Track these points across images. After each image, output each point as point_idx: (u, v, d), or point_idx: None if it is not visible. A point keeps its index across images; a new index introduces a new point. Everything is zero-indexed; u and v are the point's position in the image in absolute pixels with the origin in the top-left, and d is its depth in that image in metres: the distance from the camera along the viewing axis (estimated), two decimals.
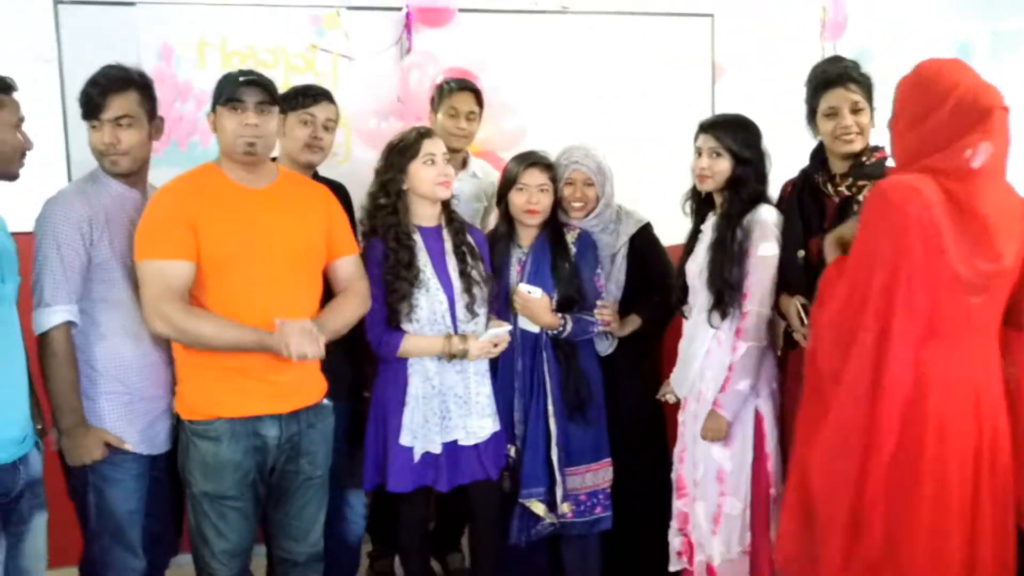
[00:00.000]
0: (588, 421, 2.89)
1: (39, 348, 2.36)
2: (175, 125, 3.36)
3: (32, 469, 2.20)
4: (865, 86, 2.63)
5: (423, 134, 2.76)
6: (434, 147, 2.73)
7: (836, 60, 2.81)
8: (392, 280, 2.69)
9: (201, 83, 3.44)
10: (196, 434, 2.37)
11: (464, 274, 2.75)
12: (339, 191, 2.98)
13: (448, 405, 2.74)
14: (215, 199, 2.35)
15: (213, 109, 2.38)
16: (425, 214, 2.78)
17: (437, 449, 2.72)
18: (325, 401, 2.55)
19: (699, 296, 2.76)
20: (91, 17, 3.34)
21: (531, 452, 2.86)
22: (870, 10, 4.20)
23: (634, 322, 2.99)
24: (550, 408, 2.86)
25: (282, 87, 3.46)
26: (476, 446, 2.77)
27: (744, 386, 2.66)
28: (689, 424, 2.82)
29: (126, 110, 2.40)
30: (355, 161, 3.56)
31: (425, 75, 3.57)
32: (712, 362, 2.72)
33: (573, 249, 2.92)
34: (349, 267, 2.58)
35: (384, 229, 2.72)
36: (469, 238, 2.83)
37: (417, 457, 2.71)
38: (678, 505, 2.87)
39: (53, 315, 2.33)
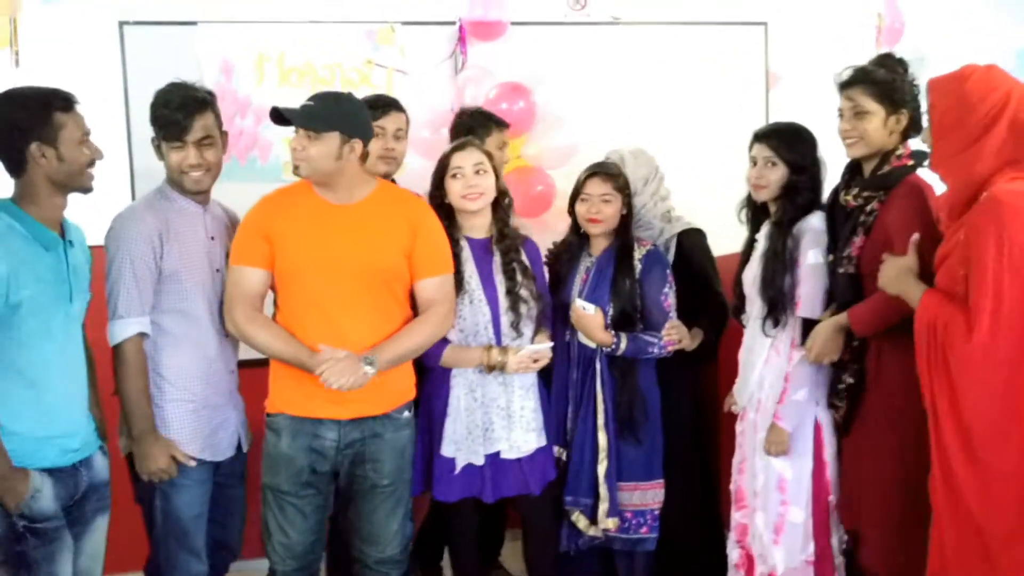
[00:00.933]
0: (640, 439, 2.87)
1: (113, 358, 2.47)
2: (235, 140, 3.44)
3: (96, 473, 2.30)
4: (884, 88, 2.48)
5: (455, 147, 2.79)
6: (463, 160, 2.72)
7: (879, 61, 2.60)
8: None
9: (260, 98, 3.53)
10: (267, 426, 2.53)
11: (511, 292, 2.73)
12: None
13: (491, 417, 2.73)
14: (293, 213, 2.47)
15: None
16: (472, 225, 2.78)
17: (480, 461, 2.72)
18: (406, 414, 2.60)
19: (755, 305, 2.75)
20: (154, 36, 3.47)
21: (576, 462, 2.87)
22: (927, 16, 4.15)
23: (698, 336, 2.96)
24: (600, 421, 2.85)
25: None
26: (519, 460, 2.76)
27: (802, 395, 2.64)
28: (748, 434, 2.80)
29: (208, 130, 2.51)
30: (409, 172, 3.61)
31: (480, 89, 3.64)
32: (770, 371, 2.71)
33: (639, 266, 2.88)
34: (430, 289, 2.56)
35: None
36: (522, 255, 2.79)
37: (459, 468, 2.72)
38: (736, 517, 2.86)
39: (127, 327, 2.44)
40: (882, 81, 2.48)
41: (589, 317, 2.82)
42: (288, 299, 2.48)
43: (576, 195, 2.93)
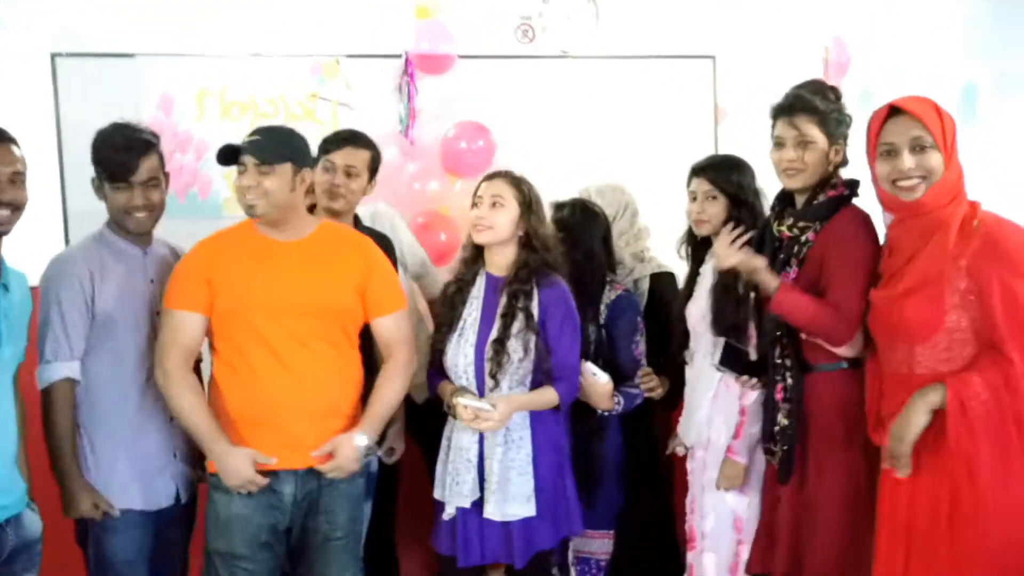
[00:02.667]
0: (590, 490, 2.79)
1: (42, 402, 2.42)
2: (174, 176, 3.35)
3: (26, 531, 2.21)
4: (826, 117, 2.44)
5: (486, 176, 2.70)
6: (485, 189, 2.63)
7: (803, 87, 2.54)
8: (437, 316, 2.76)
9: (200, 133, 3.50)
10: (214, 487, 2.41)
11: (497, 340, 2.56)
12: (385, 244, 2.96)
13: (458, 467, 2.59)
14: (237, 253, 2.42)
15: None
16: (492, 262, 2.67)
17: (451, 512, 2.61)
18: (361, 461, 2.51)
19: (701, 341, 2.74)
20: (89, 69, 3.42)
21: None
22: (873, 51, 4.26)
23: (665, 383, 2.92)
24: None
25: None
26: (507, 525, 2.58)
27: (757, 429, 2.63)
28: (698, 473, 2.79)
29: (154, 172, 2.48)
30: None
31: (437, 125, 3.68)
32: (721, 407, 2.69)
33: (604, 312, 2.81)
34: (387, 327, 2.52)
35: (456, 268, 2.76)
36: (533, 301, 2.58)
37: (447, 514, 2.63)
38: (689, 557, 2.84)
39: (54, 371, 2.40)
40: (824, 111, 2.45)
41: (600, 386, 2.70)
42: (232, 344, 2.39)
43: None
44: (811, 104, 2.45)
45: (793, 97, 2.49)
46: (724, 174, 2.73)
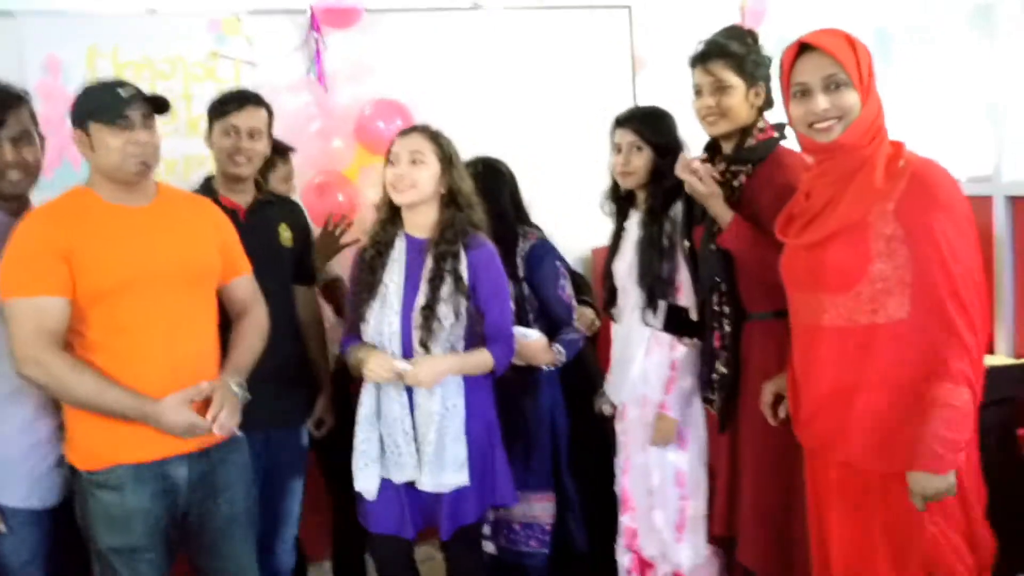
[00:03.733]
0: (526, 452, 2.82)
1: None
2: (68, 143, 3.23)
3: None
4: (742, 61, 2.45)
5: (401, 132, 2.59)
6: (400, 146, 2.51)
7: (719, 33, 2.55)
8: (356, 282, 2.58)
9: None
10: (96, 485, 2.21)
11: (427, 305, 2.46)
12: (297, 209, 2.96)
13: (396, 439, 2.49)
14: (90, 225, 2.20)
15: (82, 125, 2.23)
16: (413, 223, 2.56)
17: (371, 488, 2.51)
18: (239, 434, 2.36)
19: (630, 296, 2.74)
20: None
21: None
22: None
23: (593, 313, 2.92)
24: None
25: (181, 98, 3.44)
26: (440, 496, 2.51)
27: (689, 383, 2.65)
28: (633, 432, 2.78)
29: (25, 126, 2.31)
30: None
31: (347, 88, 3.60)
32: (653, 363, 2.70)
33: (521, 264, 2.81)
34: (247, 287, 2.47)
35: (372, 233, 2.60)
36: (461, 263, 2.50)
37: (365, 493, 2.53)
38: (624, 520, 2.84)
39: None
40: (740, 54, 2.45)
41: (533, 345, 2.72)
42: (105, 325, 2.18)
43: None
44: (726, 49, 2.46)
45: (707, 44, 2.50)
46: (649, 125, 2.72)
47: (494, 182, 2.88)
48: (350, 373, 2.93)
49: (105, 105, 2.21)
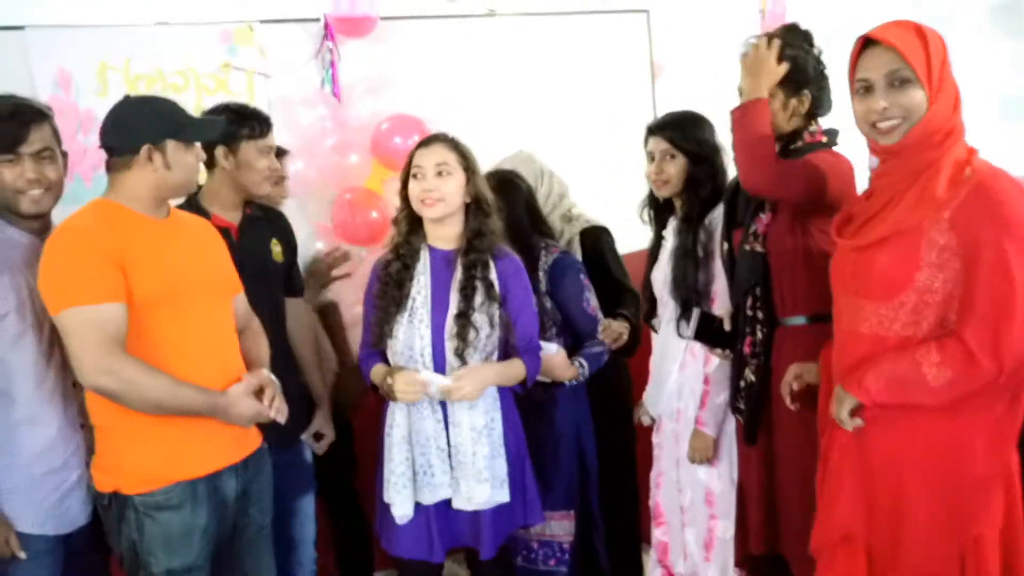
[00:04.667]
0: (545, 470, 2.76)
1: None
2: (79, 158, 3.25)
3: None
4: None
5: (420, 143, 2.55)
6: (424, 158, 2.47)
7: (782, 35, 2.46)
8: (380, 296, 2.51)
9: (105, 111, 3.34)
10: (153, 507, 2.18)
11: (461, 315, 2.43)
12: (285, 221, 2.93)
13: (429, 459, 2.44)
14: (136, 234, 2.20)
15: (157, 141, 2.20)
16: (437, 235, 2.53)
17: (407, 511, 2.45)
18: (263, 444, 2.43)
19: (667, 307, 2.71)
20: None
21: None
22: (811, 1, 4.28)
23: (625, 328, 2.86)
24: None
25: (195, 110, 3.43)
26: (476, 513, 2.47)
27: (724, 398, 2.59)
28: (667, 446, 2.75)
29: (48, 143, 2.28)
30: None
31: (364, 93, 3.60)
32: (689, 376, 2.66)
33: (544, 279, 2.77)
34: (245, 303, 2.48)
35: (394, 244, 2.56)
36: (491, 272, 2.48)
37: (398, 520, 2.47)
38: (657, 534, 2.80)
39: None
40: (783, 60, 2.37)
41: (553, 359, 2.67)
42: (152, 334, 2.17)
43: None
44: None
45: (752, 48, 2.42)
46: (681, 131, 2.69)
47: (508, 193, 2.83)
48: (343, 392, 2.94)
49: (188, 126, 2.27)
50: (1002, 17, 4.35)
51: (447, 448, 2.45)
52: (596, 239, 3.03)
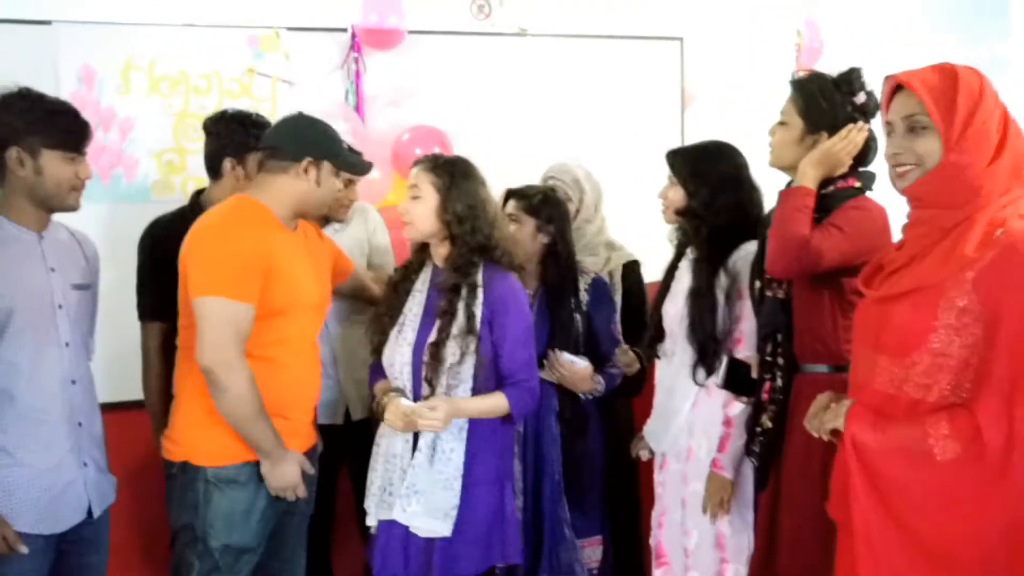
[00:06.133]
0: (581, 503, 2.81)
1: None
2: (96, 155, 3.27)
3: None
4: (807, 103, 2.44)
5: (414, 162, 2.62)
6: (410, 179, 2.55)
7: (813, 76, 2.57)
8: (382, 307, 2.65)
9: (126, 110, 3.37)
10: (222, 480, 2.34)
11: (435, 343, 2.44)
12: None
13: (391, 477, 2.48)
14: (279, 244, 2.38)
15: (320, 157, 2.42)
16: (436, 254, 2.59)
17: (374, 522, 2.52)
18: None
19: (678, 342, 2.68)
20: (1, 37, 3.24)
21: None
22: (847, 34, 4.28)
23: (635, 362, 2.90)
24: (544, 487, 2.77)
25: None
26: (430, 543, 2.46)
27: (743, 442, 2.56)
28: (672, 485, 2.72)
29: None
30: None
31: (386, 111, 3.63)
32: (702, 416, 2.63)
33: (586, 297, 2.84)
34: (360, 273, 2.90)
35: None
36: (477, 298, 2.46)
37: (372, 529, 2.54)
38: (658, 575, 2.77)
39: None
40: (809, 95, 2.42)
41: (580, 372, 2.76)
42: (266, 339, 2.34)
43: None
44: (803, 85, 2.47)
45: (801, 75, 2.52)
46: (684, 160, 2.68)
47: (562, 211, 2.90)
48: None
49: (345, 154, 2.51)
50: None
51: (404, 472, 2.47)
52: (636, 273, 3.11)
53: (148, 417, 2.79)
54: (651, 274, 3.10)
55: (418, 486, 2.43)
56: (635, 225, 3.29)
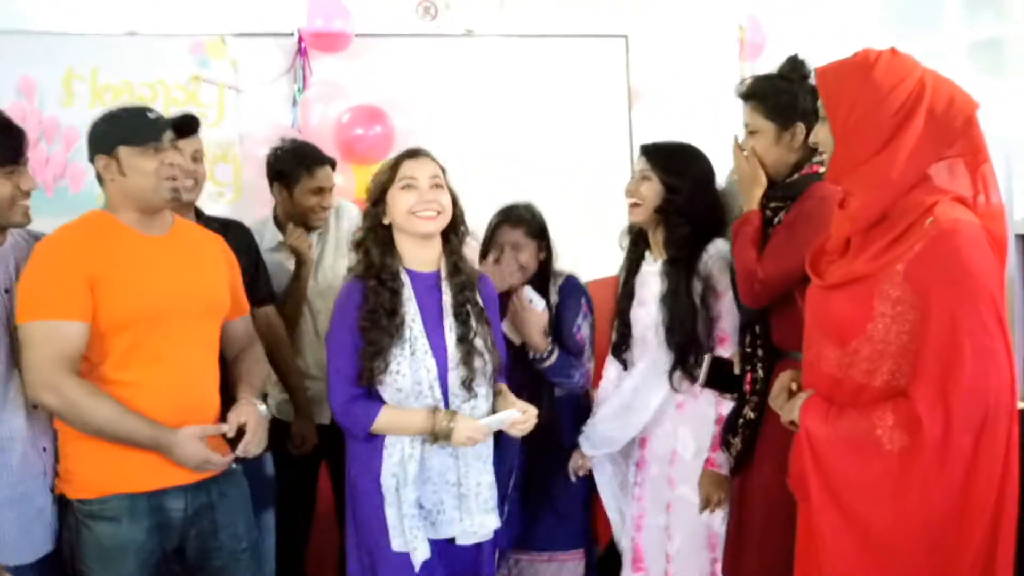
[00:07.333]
0: (558, 507, 2.79)
1: None
2: (40, 168, 3.25)
3: None
4: (770, 103, 2.40)
5: (406, 155, 2.41)
6: (416, 169, 2.34)
7: (781, 69, 2.51)
8: (368, 328, 2.28)
9: (69, 120, 3.35)
10: (89, 516, 2.18)
11: (463, 341, 2.32)
12: (240, 232, 2.89)
13: (441, 496, 2.32)
14: (115, 252, 2.20)
15: (109, 151, 2.22)
16: (417, 257, 2.36)
17: (427, 553, 2.29)
18: (233, 466, 2.33)
19: (648, 348, 2.66)
20: None
21: None
22: (788, 29, 4.36)
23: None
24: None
25: None
26: (478, 545, 2.37)
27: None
28: (656, 489, 2.68)
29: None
30: (248, 200, 3.52)
31: (330, 109, 3.60)
32: (688, 418, 2.62)
33: (556, 297, 2.84)
34: (247, 327, 2.49)
35: (365, 268, 2.34)
36: (478, 296, 2.40)
37: (418, 565, 2.28)
38: None
39: None
40: (769, 95, 2.40)
41: (535, 313, 2.71)
42: (117, 354, 2.18)
43: (487, 244, 2.82)
44: (756, 90, 2.44)
45: (750, 83, 2.48)
46: (664, 157, 2.62)
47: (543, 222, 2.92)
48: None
49: (137, 128, 2.24)
50: (983, 55, 4.47)
51: (458, 484, 2.34)
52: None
53: None
54: (600, 271, 3.13)
55: (481, 495, 2.35)
56: (583, 224, 3.33)
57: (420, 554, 2.27)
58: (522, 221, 2.83)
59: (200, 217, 2.82)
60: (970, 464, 1.76)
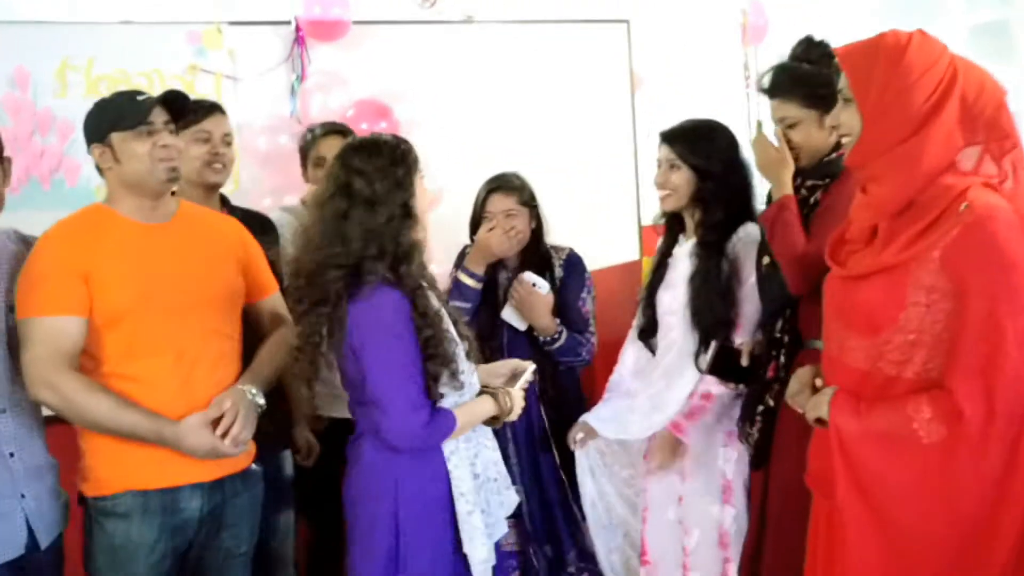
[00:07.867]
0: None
1: None
2: (35, 161, 3.21)
3: None
4: (806, 91, 2.37)
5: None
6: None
7: (802, 53, 2.50)
8: (432, 337, 2.11)
9: (64, 112, 3.31)
10: (101, 512, 2.17)
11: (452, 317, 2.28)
12: (265, 225, 2.89)
13: (491, 491, 2.28)
14: (109, 243, 2.17)
15: (103, 139, 2.20)
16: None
17: (493, 557, 2.25)
18: (254, 466, 2.33)
19: (674, 332, 2.63)
20: None
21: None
22: (791, 13, 4.33)
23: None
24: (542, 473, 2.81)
25: None
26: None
27: (713, 424, 2.57)
28: (662, 481, 2.66)
29: None
30: (244, 191, 3.48)
31: (330, 99, 3.58)
32: (717, 408, 2.59)
33: (560, 272, 2.90)
34: (272, 308, 2.44)
35: (406, 271, 2.13)
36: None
37: (484, 569, 2.23)
38: (643, 573, 2.73)
39: None
40: (803, 84, 2.37)
41: (540, 296, 2.77)
42: (122, 349, 2.15)
43: (478, 215, 2.89)
44: (786, 82, 2.41)
45: (773, 75, 2.42)
46: (688, 142, 2.59)
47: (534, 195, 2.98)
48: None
49: (127, 112, 2.20)
50: (983, 39, 4.43)
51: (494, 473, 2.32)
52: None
53: None
54: (606, 259, 3.12)
55: (501, 471, 2.35)
56: (587, 210, 3.30)
57: (487, 560, 2.21)
58: (514, 189, 2.89)
59: (226, 204, 2.80)
60: (1010, 457, 1.72)
